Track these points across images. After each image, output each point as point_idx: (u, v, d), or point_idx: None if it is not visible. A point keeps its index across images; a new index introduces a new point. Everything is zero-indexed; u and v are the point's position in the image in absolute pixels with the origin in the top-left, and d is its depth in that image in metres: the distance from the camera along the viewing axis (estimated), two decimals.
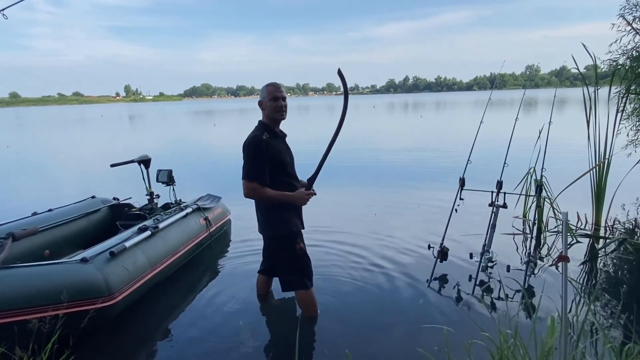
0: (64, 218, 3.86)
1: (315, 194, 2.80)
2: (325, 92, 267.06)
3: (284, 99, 2.72)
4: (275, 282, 3.17)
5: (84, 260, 2.70)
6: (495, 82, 6.24)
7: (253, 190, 2.62)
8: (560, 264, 1.54)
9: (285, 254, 2.83)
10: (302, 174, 2.98)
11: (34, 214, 3.80)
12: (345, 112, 2.73)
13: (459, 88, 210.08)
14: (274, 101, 2.68)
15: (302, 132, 17.52)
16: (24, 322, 2.18)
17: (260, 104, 2.75)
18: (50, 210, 3.92)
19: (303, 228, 2.88)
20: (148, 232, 3.31)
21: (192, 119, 36.09)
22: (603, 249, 4.16)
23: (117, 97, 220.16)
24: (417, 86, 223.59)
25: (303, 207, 2.88)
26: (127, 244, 3.04)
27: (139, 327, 2.99)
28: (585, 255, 4.03)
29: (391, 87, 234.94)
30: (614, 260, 3.94)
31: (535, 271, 3.63)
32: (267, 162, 2.62)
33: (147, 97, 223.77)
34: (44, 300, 2.42)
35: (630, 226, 4.60)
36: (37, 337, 1.99)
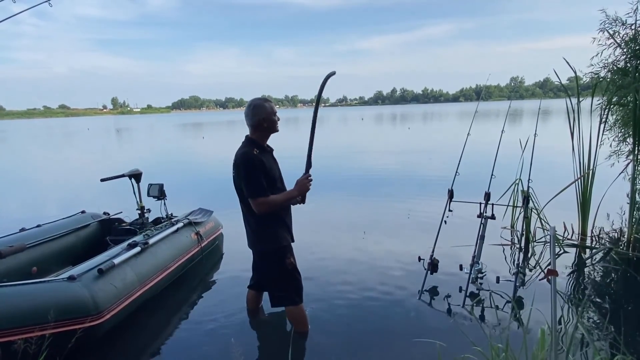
0: (52, 234, 3.81)
1: (311, 178, 2.78)
2: (314, 104, 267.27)
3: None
4: (266, 297, 3.15)
5: (71, 279, 2.67)
6: (481, 94, 6.34)
7: (263, 205, 2.60)
8: (549, 277, 1.57)
9: (274, 268, 2.81)
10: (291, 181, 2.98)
11: (22, 229, 3.75)
12: (320, 99, 2.92)
13: (445, 99, 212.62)
14: (275, 116, 2.75)
15: (290, 141, 17.54)
16: (9, 343, 2.14)
17: (262, 121, 2.69)
18: (38, 225, 3.87)
19: (293, 241, 2.87)
20: (138, 248, 3.27)
21: (181, 132, 35.90)
22: (590, 259, 4.23)
23: (104, 110, 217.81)
24: (404, 98, 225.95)
25: (293, 219, 2.88)
26: (116, 260, 3.00)
27: (127, 346, 2.94)
28: (572, 266, 4.08)
29: (379, 99, 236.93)
30: (601, 270, 4.00)
31: (525, 282, 3.66)
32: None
33: (134, 110, 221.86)
34: (30, 320, 2.37)
35: (616, 236, 4.67)
36: (22, 358, 1.96)
